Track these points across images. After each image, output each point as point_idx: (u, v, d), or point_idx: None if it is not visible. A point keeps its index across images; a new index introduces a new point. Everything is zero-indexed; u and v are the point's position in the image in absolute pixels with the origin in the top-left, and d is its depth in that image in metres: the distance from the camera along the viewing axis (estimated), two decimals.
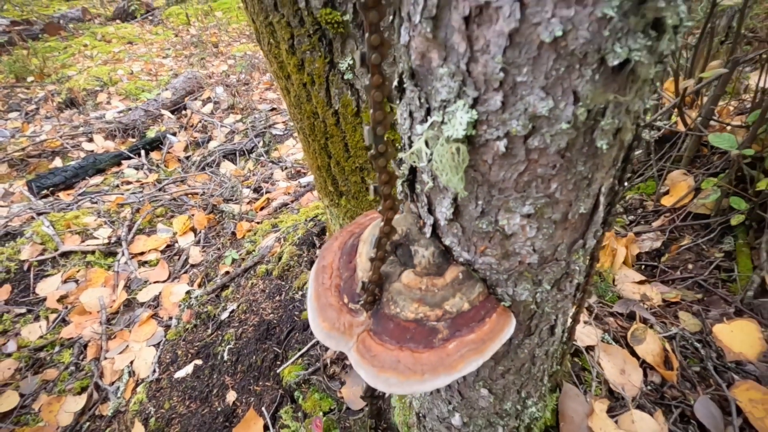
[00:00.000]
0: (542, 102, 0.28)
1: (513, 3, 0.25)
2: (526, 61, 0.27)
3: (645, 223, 1.27)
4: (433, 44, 0.30)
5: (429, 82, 0.32)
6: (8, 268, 1.63)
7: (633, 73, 0.28)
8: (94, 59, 5.23)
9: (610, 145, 0.32)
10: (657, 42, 0.27)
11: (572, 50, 0.26)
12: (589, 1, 0.24)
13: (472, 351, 0.37)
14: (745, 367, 0.85)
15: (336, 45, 0.67)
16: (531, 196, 0.33)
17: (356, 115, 0.74)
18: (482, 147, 0.31)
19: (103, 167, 2.77)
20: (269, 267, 1.28)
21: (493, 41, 0.27)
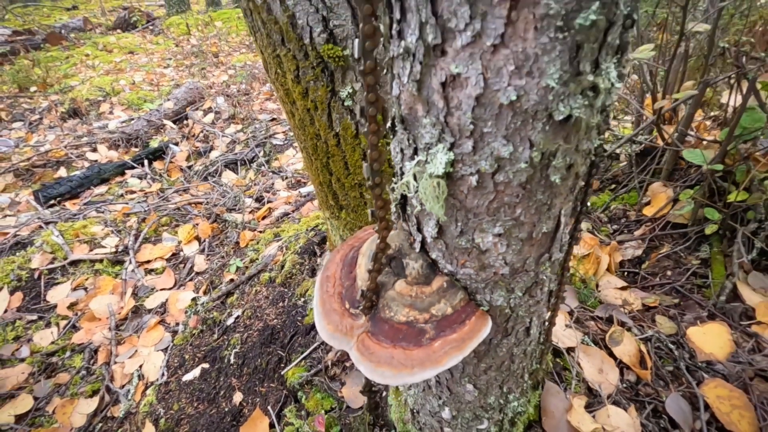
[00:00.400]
0: (504, 147, 0.35)
1: (478, 75, 0.32)
2: (490, 117, 0.34)
3: (628, 232, 1.34)
4: (418, 100, 0.37)
5: (416, 128, 0.39)
6: (20, 277, 1.69)
7: (576, 124, 0.35)
8: (96, 69, 5.31)
9: (564, 178, 0.39)
10: (594, 100, 0.35)
11: (525, 109, 0.33)
12: (536, 74, 0.32)
13: (454, 348, 0.44)
14: (714, 367, 0.92)
15: (337, 75, 0.75)
16: (500, 219, 0.41)
17: (355, 137, 0.82)
18: (459, 180, 0.39)
19: (107, 177, 2.84)
20: (272, 275, 1.35)
21: (464, 101, 0.34)
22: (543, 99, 0.33)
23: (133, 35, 7.20)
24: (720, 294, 1.07)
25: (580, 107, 0.34)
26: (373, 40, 0.34)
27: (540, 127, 0.34)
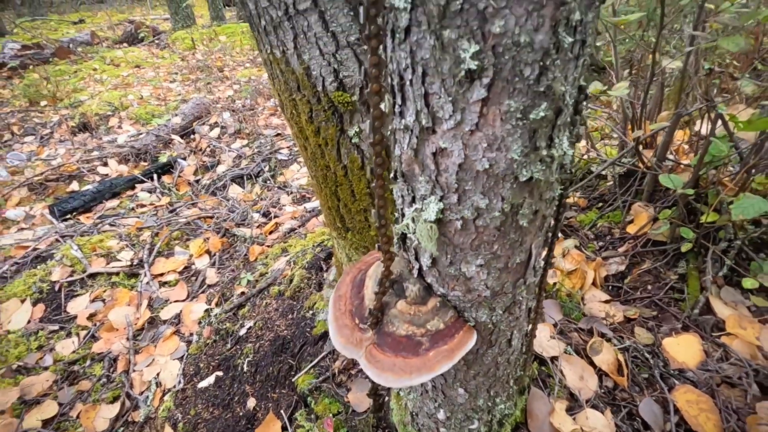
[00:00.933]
0: (482, 200, 0.46)
1: (460, 149, 0.43)
2: (470, 179, 0.44)
3: (612, 249, 1.44)
4: (415, 162, 0.47)
5: (413, 182, 0.49)
6: (41, 289, 1.79)
7: (537, 183, 0.46)
8: (105, 84, 5.45)
9: (531, 221, 0.49)
10: (550, 165, 0.45)
11: (497, 173, 0.44)
12: (503, 149, 0.42)
13: (445, 357, 0.54)
14: (685, 374, 1.01)
15: (345, 117, 0.86)
16: (481, 253, 0.51)
17: (361, 168, 0.92)
18: (447, 224, 0.49)
19: (118, 191, 2.95)
20: (281, 288, 1.45)
21: (450, 167, 0.44)
22: (509, 167, 0.43)
23: (139, 49, 7.36)
24: (694, 307, 1.17)
25: (539, 171, 0.44)
26: (381, 120, 0.44)
27: (509, 186, 0.45)
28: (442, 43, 0.37)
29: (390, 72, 0.44)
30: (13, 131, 4.23)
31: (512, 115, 0.39)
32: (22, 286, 1.80)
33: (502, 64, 0.36)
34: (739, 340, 1.07)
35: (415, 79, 0.41)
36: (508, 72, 0.37)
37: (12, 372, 1.51)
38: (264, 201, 2.45)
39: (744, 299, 1.17)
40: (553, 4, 0.34)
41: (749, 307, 1.16)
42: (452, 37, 0.36)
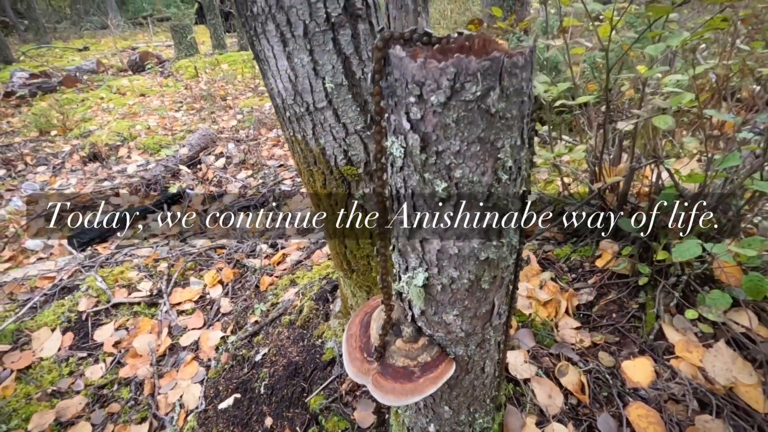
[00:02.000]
0: (455, 272, 0.66)
1: (438, 240, 0.63)
2: (446, 258, 0.64)
3: (583, 281, 1.64)
4: (408, 245, 0.67)
5: (407, 256, 0.69)
6: (69, 318, 1.96)
7: (493, 260, 0.66)
8: (112, 113, 5.67)
9: (491, 283, 0.69)
10: (501, 248, 0.65)
11: (464, 255, 0.64)
12: (467, 241, 0.62)
13: (432, 382, 0.73)
14: (639, 392, 1.20)
15: (353, 184, 1.06)
16: (456, 307, 0.71)
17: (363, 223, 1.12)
18: (431, 287, 0.69)
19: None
20: (292, 318, 1.63)
21: (432, 250, 0.64)
22: (472, 251, 0.63)
23: (143, 77, 7.63)
24: (650, 333, 1.36)
25: (493, 253, 0.64)
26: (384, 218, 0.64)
27: (472, 263, 0.64)
28: (423, 179, 0.57)
29: (390, 186, 0.65)
30: (26, 161, 4.43)
31: (472, 220, 0.60)
32: (52, 316, 1.96)
33: (462, 193, 0.57)
34: (685, 362, 1.26)
35: (407, 195, 0.61)
36: (466, 198, 0.57)
37: (47, 396, 1.67)
38: (271, 232, 2.64)
39: (692, 326, 1.37)
40: (493, 159, 0.55)
41: (696, 333, 1.35)
42: (430, 177, 0.56)
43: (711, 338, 1.33)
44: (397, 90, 0.53)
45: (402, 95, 0.53)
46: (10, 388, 1.68)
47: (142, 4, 17.21)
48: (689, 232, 1.38)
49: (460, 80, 0.48)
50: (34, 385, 1.69)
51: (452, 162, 0.54)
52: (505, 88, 0.50)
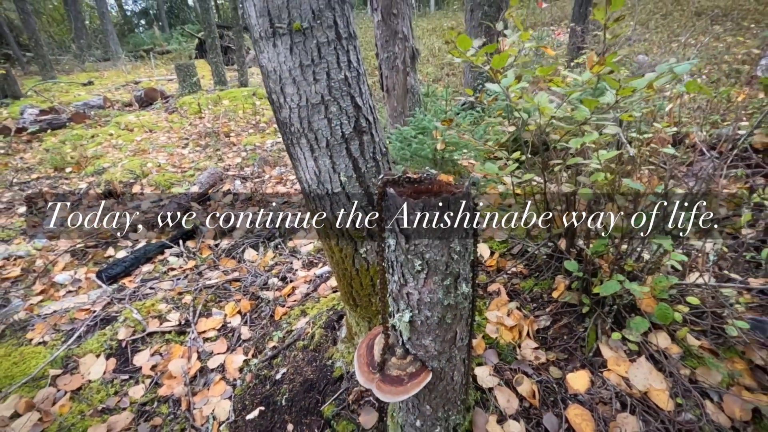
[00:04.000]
0: (429, 313, 1.03)
1: (417, 293, 1.01)
2: (423, 304, 1.02)
3: (542, 309, 2.02)
4: (399, 296, 1.05)
5: (398, 302, 1.07)
6: (111, 346, 2.28)
7: (452, 305, 1.04)
8: (122, 150, 6.05)
9: (453, 319, 1.07)
10: (458, 297, 1.04)
11: (434, 302, 1.02)
12: (435, 294, 1.01)
13: (416, 385, 1.09)
14: (577, 397, 1.57)
15: (359, 243, 1.45)
16: (431, 335, 1.08)
17: (366, 271, 1.50)
18: (414, 322, 1.06)
19: (151, 256, 3.47)
20: (305, 343, 1.98)
21: (414, 299, 1.02)
22: (438, 300, 1.01)
23: (149, 113, 8.06)
24: (590, 351, 1.74)
25: (453, 300, 1.03)
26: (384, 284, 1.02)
27: (439, 307, 1.03)
28: (407, 258, 0.96)
29: (387, 260, 1.03)
30: (45, 198, 4.76)
31: (437, 282, 0.98)
32: (95, 344, 2.29)
33: (431, 267, 0.95)
34: (614, 373, 1.64)
35: (397, 266, 1.00)
36: (433, 269, 0.96)
37: (98, 412, 1.98)
38: (279, 266, 3.00)
39: (623, 345, 1.75)
40: (448, 248, 0.94)
41: (626, 350, 1.73)
42: (411, 257, 0.95)
43: (636, 354, 1.71)
44: (390, 209, 0.93)
45: (394, 213, 0.92)
46: (66, 406, 2.00)
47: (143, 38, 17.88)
48: (618, 271, 1.77)
49: (427, 208, 0.88)
50: (85, 404, 2.01)
51: (424, 249, 0.93)
52: (453, 210, 0.90)
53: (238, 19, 8.92)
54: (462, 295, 1.05)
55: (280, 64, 1.17)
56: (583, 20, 6.68)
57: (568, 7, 14.32)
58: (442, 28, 14.84)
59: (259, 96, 8.56)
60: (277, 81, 1.20)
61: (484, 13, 4.11)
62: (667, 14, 10.55)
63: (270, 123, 6.99)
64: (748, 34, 8.66)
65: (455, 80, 7.70)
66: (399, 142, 3.16)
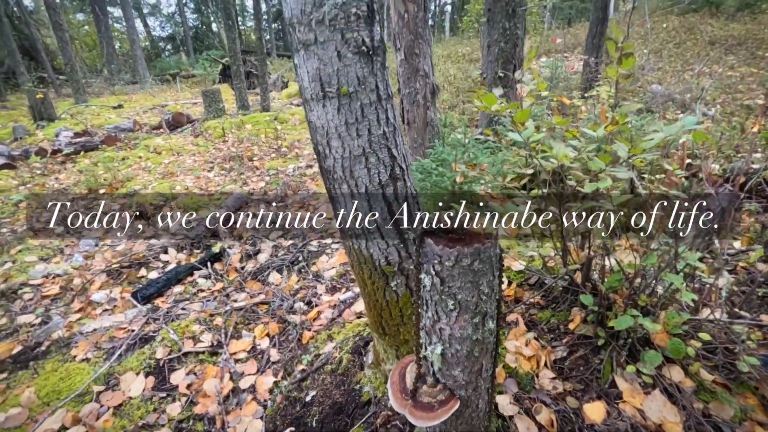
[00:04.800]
0: (459, 347, 1.16)
1: (449, 328, 1.14)
2: (454, 339, 1.15)
3: (559, 340, 2.12)
4: (432, 331, 1.18)
5: (431, 336, 1.20)
6: (150, 364, 2.43)
7: (479, 340, 1.16)
8: (151, 172, 6.35)
9: (480, 353, 1.19)
10: (485, 333, 1.16)
11: (464, 337, 1.14)
12: (465, 330, 1.13)
13: (445, 412, 1.21)
14: (593, 427, 1.65)
15: (390, 277, 1.59)
16: (460, 366, 1.20)
17: (396, 303, 1.64)
18: (444, 354, 1.19)
19: (181, 277, 3.65)
20: (333, 367, 2.10)
21: (446, 334, 1.15)
22: (468, 335, 1.14)
23: (176, 136, 8.43)
24: (606, 383, 1.82)
25: (480, 335, 1.15)
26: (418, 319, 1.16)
27: (468, 342, 1.15)
28: (441, 298, 1.09)
29: (422, 298, 1.17)
30: (82, 219, 5.03)
31: (467, 319, 1.11)
32: (135, 363, 2.44)
33: (462, 306, 1.09)
34: (630, 405, 1.72)
35: (431, 304, 1.13)
36: (464, 308, 1.09)
37: (138, 428, 2.12)
38: (304, 290, 3.15)
39: (637, 378, 1.83)
40: (477, 289, 1.07)
41: (640, 383, 1.81)
42: (444, 297, 1.09)
43: (650, 387, 1.79)
44: (428, 254, 1.07)
45: (430, 259, 1.06)
46: (109, 421, 2.14)
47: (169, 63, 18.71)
48: (632, 305, 1.87)
49: (460, 257, 1.02)
50: (127, 419, 2.15)
51: (457, 291, 1.07)
52: (482, 259, 1.03)
53: (263, 47, 9.35)
54: (488, 331, 1.17)
55: (327, 122, 1.34)
56: (596, 52, 6.86)
57: (581, 34, 14.60)
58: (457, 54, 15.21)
59: (280, 120, 8.89)
60: (324, 135, 1.37)
61: (501, 49, 4.33)
62: (680, 43, 10.71)
63: (291, 148, 7.26)
64: (763, 63, 8.74)
65: (471, 107, 7.90)
66: (419, 173, 3.33)
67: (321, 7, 1.21)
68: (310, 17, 1.23)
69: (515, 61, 4.36)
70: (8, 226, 4.98)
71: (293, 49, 1.33)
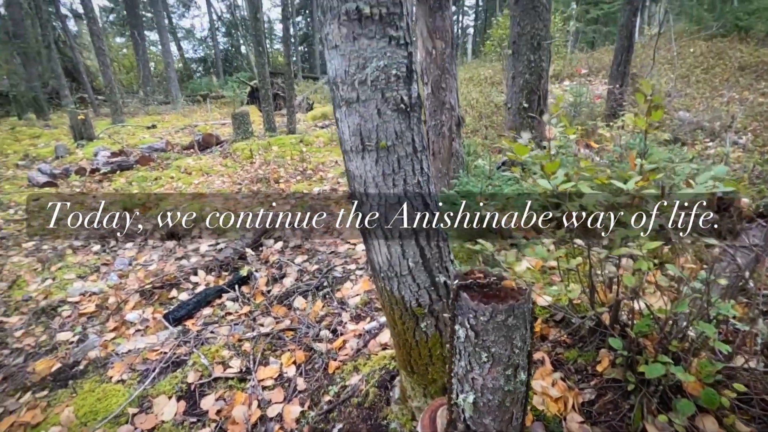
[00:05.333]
0: (491, 396, 1.19)
1: (482, 379, 1.17)
2: (487, 389, 1.18)
3: (586, 382, 2.10)
4: (464, 378, 1.22)
5: (463, 384, 1.24)
6: (181, 389, 2.52)
7: (511, 391, 1.19)
8: (183, 194, 6.59)
9: (511, 403, 1.22)
10: (517, 384, 1.19)
11: (496, 388, 1.18)
12: (497, 381, 1.17)
13: None
14: None
15: (420, 318, 1.63)
16: (491, 415, 1.23)
17: (426, 343, 1.68)
18: (477, 403, 1.22)
19: (210, 299, 3.77)
20: (360, 400, 2.14)
21: (478, 384, 1.19)
22: (500, 386, 1.17)
23: (206, 157, 8.74)
24: (636, 430, 1.80)
25: (511, 387, 1.18)
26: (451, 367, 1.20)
27: (500, 392, 1.18)
28: (475, 350, 1.13)
29: (455, 348, 1.21)
30: (117, 237, 5.26)
31: (500, 371, 1.14)
32: (168, 386, 2.53)
33: (495, 358, 1.12)
34: None
35: (464, 354, 1.17)
36: (497, 360, 1.13)
37: None
38: (330, 318, 3.21)
39: (669, 426, 1.80)
40: (510, 343, 1.11)
41: None
42: (478, 350, 1.13)
43: None
44: (463, 308, 1.12)
45: (465, 312, 1.11)
46: None
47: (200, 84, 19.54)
48: (663, 351, 1.85)
49: (495, 313, 1.06)
50: None
51: (491, 344, 1.11)
52: (516, 315, 1.07)
53: (291, 72, 9.69)
54: (520, 382, 1.20)
55: (366, 172, 1.42)
56: (621, 79, 6.86)
57: (604, 58, 14.58)
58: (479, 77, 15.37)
59: (305, 143, 9.14)
60: (362, 184, 1.45)
61: (525, 81, 4.39)
62: (708, 69, 10.57)
63: (316, 170, 7.44)
64: None
65: (493, 132, 7.96)
66: (444, 203, 3.38)
67: (364, 69, 1.30)
68: (354, 78, 1.32)
69: (540, 92, 4.42)
70: (49, 243, 5.24)
71: (335, 105, 1.43)
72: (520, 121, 4.86)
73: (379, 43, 1.28)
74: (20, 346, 3.46)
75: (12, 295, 4.20)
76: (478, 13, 30.57)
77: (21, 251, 5.14)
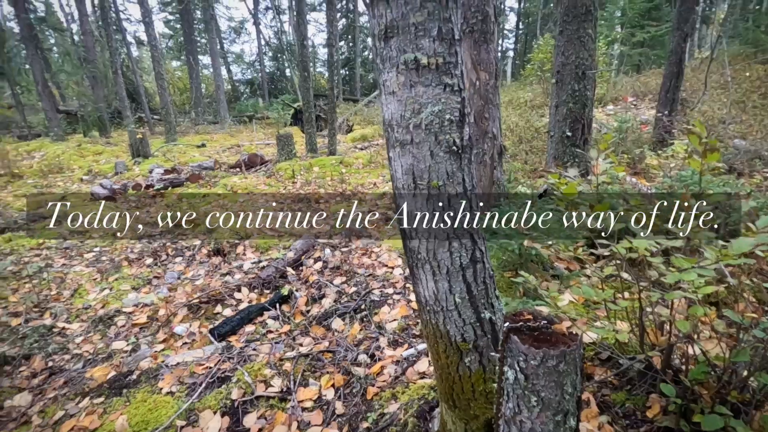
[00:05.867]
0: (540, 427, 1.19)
1: (532, 422, 1.17)
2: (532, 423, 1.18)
3: (635, 428, 2.01)
4: (511, 420, 1.22)
5: (510, 426, 1.24)
6: (226, 404, 2.62)
7: (559, 422, 1.18)
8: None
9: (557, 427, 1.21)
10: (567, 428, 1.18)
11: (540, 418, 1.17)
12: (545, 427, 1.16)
13: None
14: None
15: (464, 353, 1.65)
16: None
17: (469, 378, 1.68)
18: None
19: (252, 317, 3.90)
20: (398, 429, 2.15)
21: (526, 425, 1.19)
22: (547, 423, 1.17)
23: (251, 176, 9.15)
24: None
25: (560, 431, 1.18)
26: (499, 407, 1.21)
27: (552, 425, 1.18)
28: (524, 393, 1.14)
29: (504, 389, 1.22)
30: (168, 252, 5.57)
31: (549, 416, 1.14)
32: (213, 401, 2.64)
33: (544, 403, 1.13)
34: None
35: (513, 396, 1.18)
36: (546, 405, 1.13)
37: None
38: (367, 341, 3.24)
39: None
40: (561, 389, 1.11)
41: None
42: (528, 393, 1.13)
43: None
44: (513, 351, 1.14)
45: (515, 355, 1.13)
46: None
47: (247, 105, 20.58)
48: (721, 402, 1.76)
49: (546, 358, 1.07)
50: None
51: (540, 389, 1.12)
52: (567, 361, 1.08)
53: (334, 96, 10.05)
54: (569, 428, 1.19)
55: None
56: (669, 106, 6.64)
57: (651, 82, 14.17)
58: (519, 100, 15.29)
59: (345, 164, 9.38)
60: (413, 221, 1.51)
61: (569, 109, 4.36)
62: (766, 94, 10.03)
63: (355, 192, 7.61)
64: None
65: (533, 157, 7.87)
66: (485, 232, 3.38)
67: (419, 114, 1.38)
68: (409, 121, 1.40)
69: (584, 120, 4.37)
70: (108, 255, 5.63)
71: (389, 145, 1.51)
72: (563, 150, 4.79)
73: (434, 90, 1.35)
74: (80, 352, 3.72)
75: (74, 303, 4.52)
76: (518, 36, 30.59)
77: (83, 261, 5.54)
